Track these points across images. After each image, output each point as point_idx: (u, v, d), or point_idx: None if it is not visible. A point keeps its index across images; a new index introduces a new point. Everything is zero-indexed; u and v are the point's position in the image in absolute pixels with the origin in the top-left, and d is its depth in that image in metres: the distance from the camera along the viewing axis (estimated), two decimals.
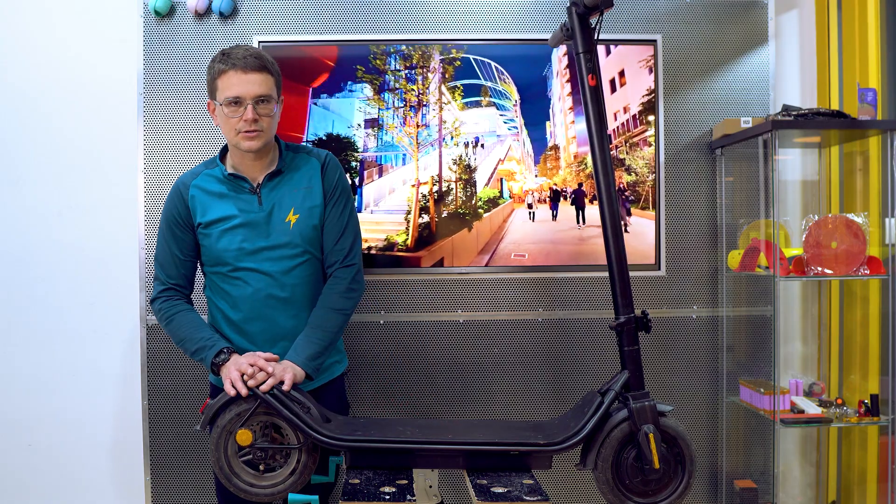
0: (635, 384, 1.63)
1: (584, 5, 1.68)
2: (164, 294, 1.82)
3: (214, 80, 1.72)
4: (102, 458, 2.54)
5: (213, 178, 1.80)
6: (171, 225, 1.81)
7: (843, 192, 2.50)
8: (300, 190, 1.80)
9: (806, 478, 2.59)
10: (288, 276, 1.78)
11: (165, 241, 1.82)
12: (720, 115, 2.46)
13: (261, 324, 1.79)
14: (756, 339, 2.43)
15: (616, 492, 1.60)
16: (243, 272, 1.77)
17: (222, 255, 1.77)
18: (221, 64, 1.70)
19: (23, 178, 2.50)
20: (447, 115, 2.45)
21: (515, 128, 2.48)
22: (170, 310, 1.79)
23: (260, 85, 1.69)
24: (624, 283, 1.67)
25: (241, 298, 1.78)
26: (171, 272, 1.82)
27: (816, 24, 2.55)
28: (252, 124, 1.69)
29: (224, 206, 1.78)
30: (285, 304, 1.79)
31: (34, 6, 2.49)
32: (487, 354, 2.44)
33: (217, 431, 1.58)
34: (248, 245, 1.76)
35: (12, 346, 2.51)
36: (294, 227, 1.78)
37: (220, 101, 1.71)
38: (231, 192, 1.78)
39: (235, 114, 1.69)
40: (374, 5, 2.42)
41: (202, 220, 1.78)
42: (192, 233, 1.81)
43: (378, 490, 1.49)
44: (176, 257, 1.81)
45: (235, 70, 1.68)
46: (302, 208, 1.79)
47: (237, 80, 1.68)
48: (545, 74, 2.46)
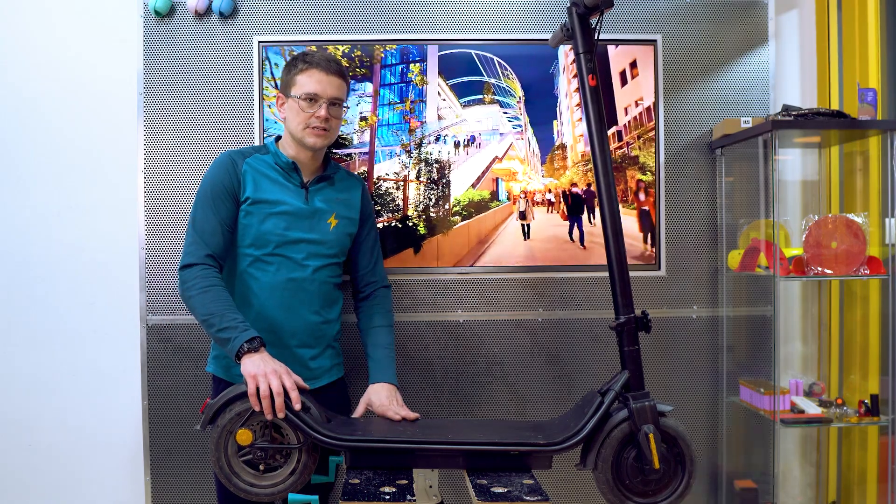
0: (635, 384, 1.63)
1: (585, 5, 1.69)
2: (206, 260, 1.74)
3: (294, 76, 1.82)
4: (102, 458, 2.54)
5: (266, 163, 1.86)
6: (217, 193, 1.80)
7: (843, 192, 2.50)
8: (342, 199, 1.93)
9: (806, 478, 2.59)
10: (318, 273, 1.86)
11: (210, 208, 1.79)
12: (720, 115, 2.46)
13: (283, 313, 1.82)
14: (756, 339, 2.43)
15: (616, 492, 1.60)
16: (280, 259, 1.82)
17: (266, 236, 1.81)
18: (304, 63, 1.81)
19: (23, 178, 2.50)
20: (447, 113, 2.41)
21: (520, 126, 2.42)
22: (206, 279, 1.71)
23: (337, 88, 1.82)
24: (624, 283, 1.67)
25: (269, 285, 1.82)
26: (213, 241, 1.77)
27: (816, 24, 2.55)
28: (323, 122, 1.80)
29: (276, 191, 1.83)
30: (310, 298, 1.85)
31: (34, 6, 2.49)
32: (487, 354, 2.44)
33: (217, 431, 1.58)
34: (291, 234, 1.82)
35: (12, 346, 2.51)
36: (333, 230, 1.89)
37: (297, 95, 1.80)
38: (282, 179, 1.85)
39: (310, 108, 1.80)
40: (374, 5, 2.42)
41: (252, 196, 1.81)
42: (235, 206, 1.82)
43: (378, 490, 1.49)
44: (220, 226, 1.79)
45: (319, 69, 1.80)
46: (342, 216, 1.91)
47: (318, 78, 1.79)
48: (552, 72, 2.43)
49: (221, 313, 1.67)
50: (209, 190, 1.80)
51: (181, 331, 2.35)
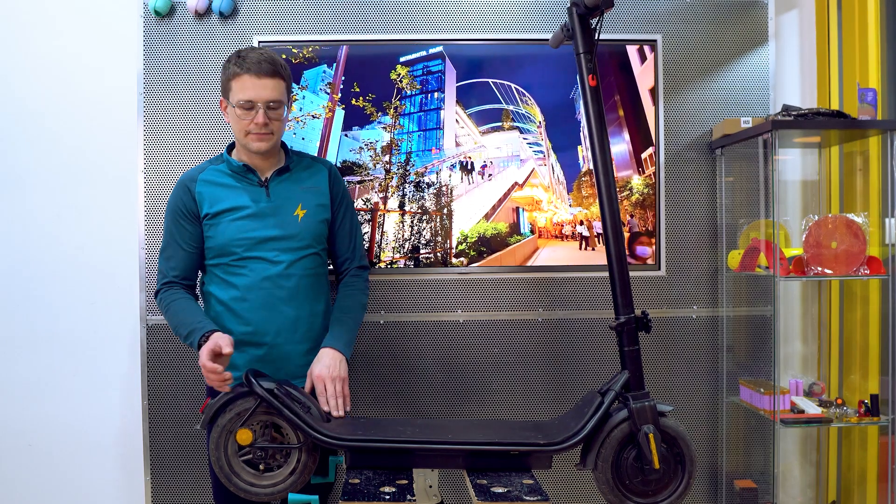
0: (635, 384, 1.63)
1: (585, 6, 1.69)
2: (166, 285, 1.84)
3: (229, 81, 1.77)
4: (103, 459, 2.53)
5: (220, 172, 1.86)
6: (177, 217, 1.84)
7: (843, 192, 2.50)
8: (307, 188, 1.88)
9: (806, 478, 2.59)
10: (293, 268, 1.84)
11: (171, 234, 1.85)
12: (720, 115, 2.46)
13: (264, 313, 1.82)
14: (756, 339, 2.43)
15: (616, 492, 1.60)
16: (250, 261, 1.81)
17: (230, 244, 1.81)
18: (236, 67, 1.75)
19: (22, 178, 2.50)
20: (464, 140, 2.32)
21: (542, 151, 2.28)
22: (170, 297, 1.82)
23: (272, 90, 1.76)
24: (624, 283, 1.67)
25: (246, 287, 1.81)
26: (176, 264, 1.84)
27: (816, 24, 2.55)
28: (262, 127, 1.76)
29: (234, 197, 1.83)
30: (289, 294, 1.83)
31: (34, 6, 2.49)
32: (487, 354, 2.44)
33: (217, 431, 1.58)
34: (257, 234, 1.81)
35: (13, 346, 2.51)
36: (302, 221, 1.85)
37: (233, 103, 1.76)
38: (239, 183, 1.84)
39: (247, 116, 1.76)
40: (374, 5, 2.42)
41: (210, 211, 1.82)
42: (198, 225, 1.84)
43: (378, 490, 1.49)
44: (182, 249, 1.84)
45: (250, 74, 1.74)
46: (309, 205, 1.87)
47: (251, 84, 1.74)
48: (573, 97, 2.35)
49: (182, 322, 1.75)
50: (169, 217, 1.86)
51: None
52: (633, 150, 2.41)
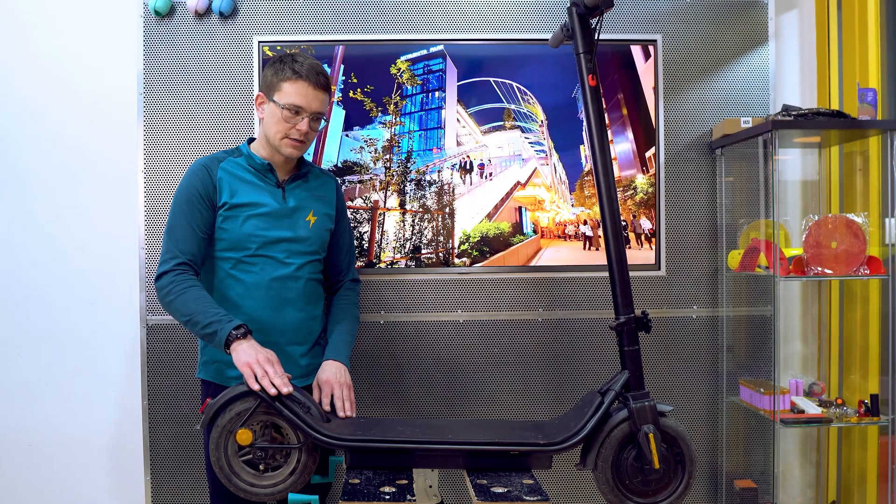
0: (635, 384, 1.63)
1: (585, 6, 1.69)
2: (178, 267, 1.75)
3: (280, 82, 1.76)
4: (102, 459, 2.54)
5: (240, 166, 1.85)
6: (192, 200, 1.79)
7: (843, 192, 2.50)
8: (318, 196, 1.92)
9: (806, 478, 2.59)
10: (301, 270, 1.86)
11: (184, 216, 1.78)
12: (720, 115, 2.46)
13: (270, 313, 1.82)
14: (756, 339, 2.43)
15: (616, 492, 1.60)
16: (262, 259, 1.82)
17: (246, 239, 1.80)
18: (292, 70, 1.75)
19: (22, 178, 2.50)
20: (466, 140, 2.31)
21: (543, 151, 2.26)
22: (184, 283, 1.72)
23: (321, 103, 1.79)
24: (624, 283, 1.67)
25: (254, 285, 1.81)
26: (187, 247, 1.77)
27: (816, 24, 2.55)
28: (303, 136, 1.79)
29: (253, 193, 1.82)
30: (296, 296, 1.85)
31: (34, 6, 2.49)
32: (487, 354, 2.44)
33: (217, 431, 1.58)
34: (272, 234, 1.82)
35: (13, 346, 2.51)
36: (313, 228, 1.88)
37: (281, 104, 1.76)
38: (259, 181, 1.84)
39: (292, 120, 1.77)
40: (374, 5, 2.42)
41: (230, 201, 1.80)
42: (212, 212, 1.81)
43: (378, 490, 1.49)
44: (194, 232, 1.78)
45: (308, 82, 1.75)
46: (319, 213, 1.91)
47: (305, 91, 1.75)
48: (574, 96, 2.34)
49: (203, 310, 1.67)
50: (183, 198, 1.79)
51: (181, 331, 2.35)
52: (637, 149, 2.41)
